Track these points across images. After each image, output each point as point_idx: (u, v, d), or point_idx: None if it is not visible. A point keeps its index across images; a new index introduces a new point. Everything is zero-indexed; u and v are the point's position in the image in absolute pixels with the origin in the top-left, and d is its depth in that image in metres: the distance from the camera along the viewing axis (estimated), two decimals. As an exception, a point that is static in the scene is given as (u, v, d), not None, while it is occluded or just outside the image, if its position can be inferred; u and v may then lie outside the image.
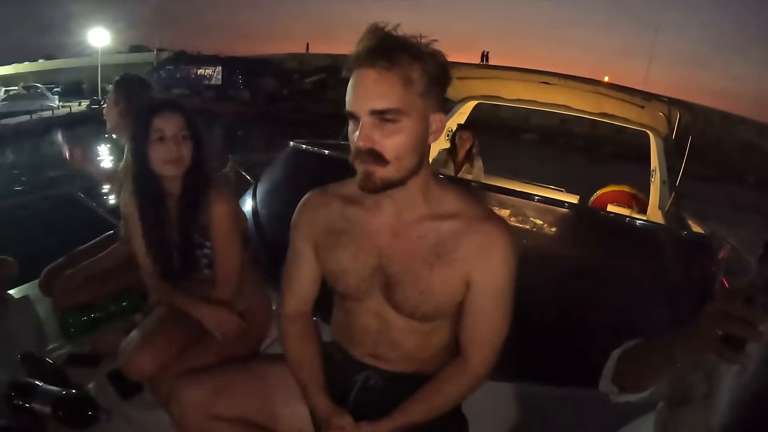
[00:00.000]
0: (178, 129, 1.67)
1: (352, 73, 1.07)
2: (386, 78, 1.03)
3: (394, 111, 1.04)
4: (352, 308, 1.30)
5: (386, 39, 1.05)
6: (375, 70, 1.03)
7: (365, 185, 1.10)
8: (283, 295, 1.39)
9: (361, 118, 1.05)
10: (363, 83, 1.05)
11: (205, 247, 1.80)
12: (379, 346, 1.30)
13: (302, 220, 1.33)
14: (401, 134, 1.06)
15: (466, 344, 1.24)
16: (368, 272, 1.23)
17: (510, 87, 4.42)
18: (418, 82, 1.06)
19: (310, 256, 1.33)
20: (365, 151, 1.06)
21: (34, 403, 1.52)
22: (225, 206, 1.75)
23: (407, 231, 1.20)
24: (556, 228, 2.51)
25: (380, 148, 1.06)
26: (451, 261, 1.17)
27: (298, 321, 1.37)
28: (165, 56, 40.96)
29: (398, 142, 1.06)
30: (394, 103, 1.04)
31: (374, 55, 1.03)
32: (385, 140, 1.05)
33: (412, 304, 1.20)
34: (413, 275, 1.19)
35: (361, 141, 1.05)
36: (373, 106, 1.04)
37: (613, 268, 2.34)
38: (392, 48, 1.04)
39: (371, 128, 1.05)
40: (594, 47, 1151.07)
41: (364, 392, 1.31)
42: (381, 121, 1.05)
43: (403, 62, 1.04)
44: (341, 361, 1.36)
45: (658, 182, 4.08)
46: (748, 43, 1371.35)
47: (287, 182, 3.07)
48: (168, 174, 1.69)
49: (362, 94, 1.05)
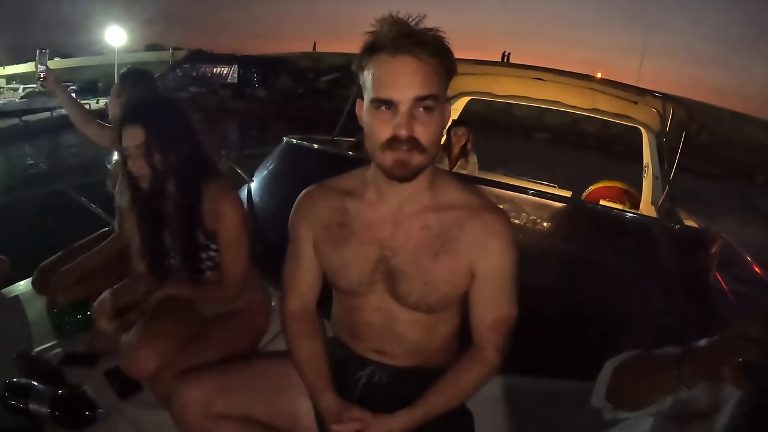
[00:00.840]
0: (137, 142, 1.61)
1: (381, 62, 1.07)
2: (427, 66, 1.06)
3: (433, 98, 1.07)
4: (355, 304, 1.29)
5: (423, 30, 1.07)
6: (415, 58, 1.05)
7: (399, 173, 1.10)
8: (286, 293, 1.39)
9: (400, 106, 1.06)
10: (404, 71, 1.06)
11: (210, 250, 1.77)
12: (383, 341, 1.29)
13: (301, 216, 1.33)
14: (435, 122, 1.09)
15: (478, 333, 1.25)
16: (370, 266, 1.23)
17: (503, 83, 4.42)
18: (443, 72, 1.09)
19: (310, 252, 1.32)
20: (406, 139, 1.07)
21: (30, 403, 1.50)
22: (233, 209, 1.72)
23: (410, 222, 1.21)
24: (549, 222, 2.51)
25: (418, 136, 1.07)
26: (455, 250, 1.18)
27: (302, 319, 1.37)
28: (180, 55, 41.66)
29: (433, 129, 1.09)
30: (433, 90, 1.07)
31: (412, 44, 1.04)
32: (422, 128, 1.07)
33: (417, 296, 1.21)
34: (418, 266, 1.20)
35: (403, 129, 1.06)
36: (417, 93, 1.05)
37: (605, 262, 2.35)
38: (428, 38, 1.06)
39: (411, 116, 1.06)
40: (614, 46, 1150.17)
41: (369, 388, 1.31)
42: (420, 109, 1.06)
43: (435, 53, 1.06)
44: (344, 357, 1.36)
45: (650, 178, 4.10)
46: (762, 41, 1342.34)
47: (281, 177, 3.06)
48: (143, 185, 1.66)
49: (405, 82, 1.06)
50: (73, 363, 1.87)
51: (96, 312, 1.72)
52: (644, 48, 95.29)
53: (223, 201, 1.71)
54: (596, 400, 1.07)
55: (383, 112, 1.08)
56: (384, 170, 1.12)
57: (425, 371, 1.30)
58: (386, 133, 1.08)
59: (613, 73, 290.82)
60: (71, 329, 2.03)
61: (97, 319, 1.72)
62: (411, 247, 1.21)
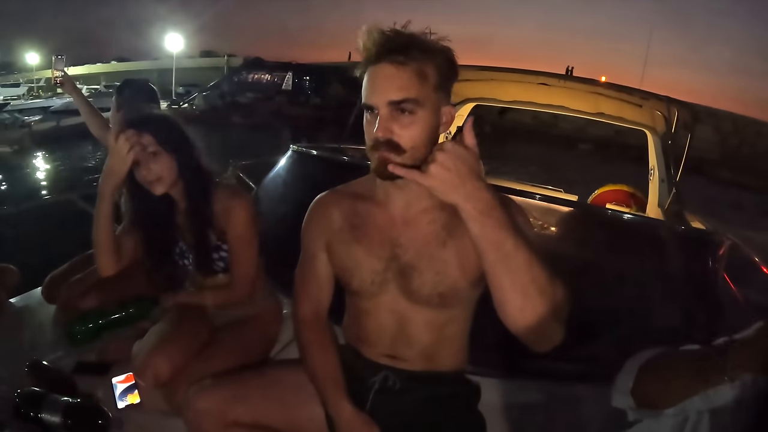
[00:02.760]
0: (146, 147, 1.64)
1: (367, 70, 1.13)
2: (402, 71, 1.08)
3: (410, 101, 1.09)
4: (367, 307, 1.31)
5: (399, 36, 1.10)
6: (391, 64, 1.09)
7: (381, 172, 1.12)
8: (298, 299, 1.40)
9: (379, 110, 1.09)
10: (380, 77, 1.10)
11: (221, 250, 1.79)
12: (396, 344, 1.31)
13: (313, 222, 1.36)
14: (417, 125, 1.10)
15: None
16: (382, 265, 1.26)
17: (507, 89, 4.43)
18: (431, 76, 1.12)
19: (323, 257, 1.34)
20: (384, 141, 1.09)
21: (43, 412, 1.50)
22: (243, 210, 1.75)
23: (417, 219, 1.25)
24: (556, 227, 2.51)
25: (398, 138, 1.09)
26: (462, 234, 1.19)
27: (315, 326, 1.38)
28: (235, 62, 43.11)
29: (414, 132, 1.10)
30: (410, 94, 1.09)
31: (390, 51, 1.08)
32: (402, 131, 1.10)
33: (429, 288, 1.23)
34: (428, 257, 1.22)
35: (380, 132, 1.09)
36: (390, 97, 1.08)
37: (612, 266, 2.34)
38: (406, 44, 1.09)
39: (389, 120, 1.09)
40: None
41: (382, 393, 1.32)
42: (398, 112, 1.09)
43: (416, 57, 1.09)
44: (356, 363, 1.37)
45: (656, 180, 4.09)
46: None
47: (288, 185, 3.07)
48: (155, 192, 1.68)
49: (380, 87, 1.09)
50: (85, 372, 1.87)
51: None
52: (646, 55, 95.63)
53: (234, 201, 1.75)
54: (619, 400, 1.05)
55: (369, 116, 1.13)
56: (372, 170, 1.16)
57: (437, 375, 1.31)
58: (371, 137, 1.12)
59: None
60: (82, 338, 2.03)
61: None
62: (420, 242, 1.24)
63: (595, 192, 5.30)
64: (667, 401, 0.96)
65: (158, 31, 41.14)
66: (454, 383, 1.37)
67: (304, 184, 2.93)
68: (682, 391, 0.94)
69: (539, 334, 1.02)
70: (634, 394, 1.01)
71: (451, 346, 1.33)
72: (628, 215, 2.79)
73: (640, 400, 1.00)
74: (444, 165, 0.96)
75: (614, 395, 1.06)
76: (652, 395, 0.99)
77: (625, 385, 1.03)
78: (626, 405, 1.03)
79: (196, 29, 62.77)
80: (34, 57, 52.77)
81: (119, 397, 1.68)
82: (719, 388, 0.90)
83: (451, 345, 1.33)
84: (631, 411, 1.03)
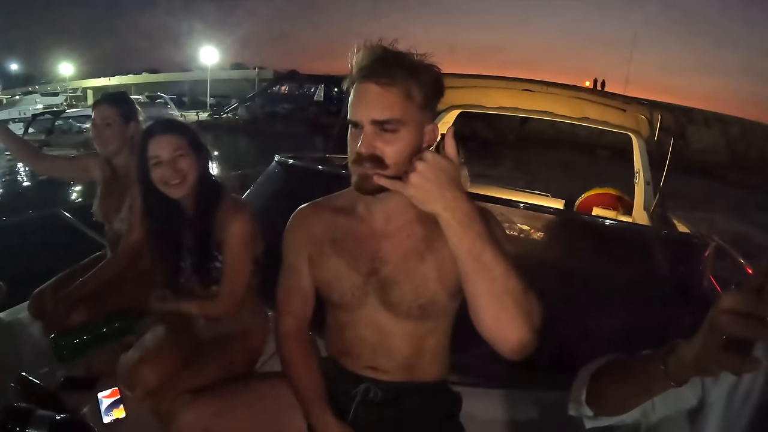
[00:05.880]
0: (173, 150, 1.68)
1: (354, 86, 1.14)
2: (388, 92, 1.10)
3: (394, 121, 1.10)
4: (348, 320, 1.32)
5: (386, 56, 1.12)
6: (377, 84, 1.10)
7: (363, 187, 1.14)
8: (280, 313, 1.41)
9: (364, 127, 1.11)
10: (366, 96, 1.11)
11: (217, 260, 1.80)
12: (377, 356, 1.32)
13: (294, 235, 1.37)
14: (400, 142, 1.12)
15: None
16: (362, 278, 1.27)
17: (492, 95, 4.45)
18: (417, 96, 1.13)
19: (305, 270, 1.35)
20: (367, 156, 1.11)
21: (29, 428, 1.49)
22: (242, 224, 1.75)
23: (397, 233, 1.26)
24: (541, 234, 2.53)
25: (380, 153, 1.11)
26: (439, 247, 1.22)
27: (297, 340, 1.39)
28: (265, 74, 44.57)
29: (397, 148, 1.11)
30: (395, 114, 1.10)
31: (376, 71, 1.10)
32: (385, 147, 1.11)
33: (408, 301, 1.24)
34: (407, 271, 1.24)
35: (363, 147, 1.11)
36: (375, 117, 1.10)
37: (597, 272, 2.36)
38: (393, 65, 1.11)
39: (373, 136, 1.11)
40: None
41: (363, 405, 1.33)
42: (382, 130, 1.10)
43: (402, 78, 1.11)
44: (338, 375, 1.38)
45: (642, 184, 4.13)
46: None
47: (272, 197, 3.06)
48: (174, 196, 1.71)
49: (365, 105, 1.11)
50: (71, 387, 1.86)
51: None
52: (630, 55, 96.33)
53: (236, 215, 1.76)
54: (574, 409, 1.07)
55: (353, 131, 1.15)
56: (353, 185, 1.18)
57: (418, 386, 1.32)
58: (354, 151, 1.14)
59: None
60: (68, 353, 2.03)
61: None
62: (400, 256, 1.25)
63: (582, 195, 5.34)
64: (619, 407, 0.98)
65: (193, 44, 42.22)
66: (435, 394, 1.38)
67: (288, 195, 2.92)
68: (631, 397, 0.95)
69: (512, 343, 1.03)
70: (588, 402, 1.02)
71: (432, 356, 1.34)
72: (611, 221, 2.81)
73: (596, 409, 1.01)
74: (424, 175, 0.97)
75: (570, 405, 1.08)
76: (605, 402, 1.00)
77: (578, 394, 1.04)
78: (581, 413, 1.04)
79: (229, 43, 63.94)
80: (68, 67, 53.39)
81: (105, 412, 1.67)
82: (680, 392, 0.91)
83: (431, 356, 1.34)
84: (588, 419, 1.04)
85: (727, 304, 0.72)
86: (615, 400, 0.99)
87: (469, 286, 1.03)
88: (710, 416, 0.92)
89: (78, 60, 62.50)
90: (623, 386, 0.96)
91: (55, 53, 73.92)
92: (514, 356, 1.04)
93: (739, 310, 0.71)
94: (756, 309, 0.70)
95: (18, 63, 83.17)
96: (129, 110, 2.32)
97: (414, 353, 1.31)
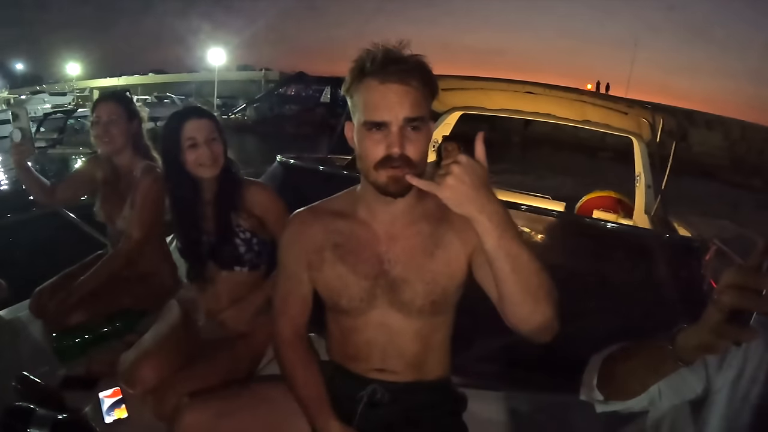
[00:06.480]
0: (209, 133, 1.77)
1: (371, 88, 1.14)
2: (414, 90, 1.13)
3: (421, 119, 1.13)
4: (355, 325, 1.31)
5: (404, 57, 1.14)
6: (404, 84, 1.12)
7: (393, 190, 1.15)
8: (278, 319, 1.41)
9: (392, 127, 1.12)
10: (394, 96, 1.12)
11: (242, 233, 1.85)
12: (386, 358, 1.32)
13: (292, 240, 1.36)
14: (423, 140, 1.15)
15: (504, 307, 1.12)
16: (370, 282, 1.27)
17: (494, 97, 4.45)
18: (427, 95, 1.17)
19: (304, 277, 1.35)
20: (398, 157, 1.12)
21: (31, 428, 1.50)
22: (270, 196, 1.90)
23: (404, 233, 1.27)
24: (543, 236, 2.53)
25: (409, 153, 1.13)
26: (447, 242, 1.25)
27: (295, 345, 1.40)
28: (271, 75, 45.34)
29: (421, 147, 1.15)
30: (422, 112, 1.14)
31: (401, 72, 1.12)
32: (411, 146, 1.13)
33: (422, 298, 1.25)
34: (417, 268, 1.25)
35: (396, 147, 1.12)
36: (406, 114, 1.12)
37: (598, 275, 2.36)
38: (412, 65, 1.14)
39: (402, 136, 1.12)
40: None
41: (371, 407, 1.33)
42: (410, 128, 1.12)
43: (420, 78, 1.14)
44: (342, 379, 1.38)
45: (643, 186, 4.13)
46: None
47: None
48: (206, 176, 1.79)
49: (394, 105, 1.12)
50: (72, 387, 1.86)
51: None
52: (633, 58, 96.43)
53: (263, 190, 1.90)
54: (585, 393, 1.10)
55: (375, 133, 1.14)
56: (378, 187, 1.17)
57: (424, 385, 1.33)
58: (380, 153, 1.14)
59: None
60: (70, 353, 2.03)
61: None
62: (408, 255, 1.26)
63: (582, 198, 5.34)
64: (629, 390, 1.02)
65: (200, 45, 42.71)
66: (440, 393, 1.38)
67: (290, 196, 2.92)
68: (640, 379, 0.99)
69: (544, 331, 1.09)
70: (600, 387, 1.06)
71: (438, 353, 1.36)
72: (611, 224, 2.82)
73: (606, 393, 1.05)
74: (460, 178, 0.98)
75: (582, 389, 1.12)
76: (615, 386, 1.04)
77: (590, 379, 1.08)
78: (593, 398, 1.08)
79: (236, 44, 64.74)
80: (75, 67, 53.57)
81: (107, 412, 1.67)
82: (686, 381, 0.97)
83: (437, 353, 1.36)
84: (599, 404, 1.08)
85: (729, 280, 0.78)
86: (625, 383, 1.02)
87: (506, 286, 1.04)
88: (714, 406, 0.96)
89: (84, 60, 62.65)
90: (633, 368, 1.00)
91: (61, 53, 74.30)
92: (545, 341, 1.10)
93: (738, 284, 0.77)
94: (753, 283, 0.76)
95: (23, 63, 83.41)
96: (132, 108, 2.32)
97: (422, 351, 1.32)
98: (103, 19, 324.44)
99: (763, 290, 0.76)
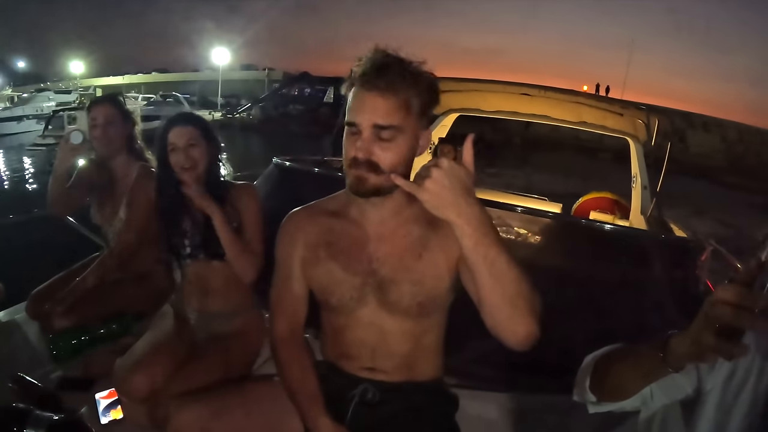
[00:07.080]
0: (188, 139, 1.83)
1: (356, 91, 1.17)
2: (389, 100, 1.14)
3: (393, 128, 1.14)
4: (346, 323, 1.33)
5: (389, 65, 1.15)
6: (379, 92, 1.13)
7: (358, 189, 1.18)
8: (274, 317, 1.42)
9: (362, 131, 1.14)
10: (368, 101, 1.15)
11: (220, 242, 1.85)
12: (376, 357, 1.33)
13: (287, 239, 1.38)
14: (396, 149, 1.16)
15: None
16: (360, 280, 1.29)
17: (490, 99, 4.46)
18: (414, 105, 1.17)
19: (298, 274, 1.36)
20: (363, 161, 1.15)
21: (27, 429, 1.50)
22: (252, 197, 1.93)
23: (392, 234, 1.28)
24: (539, 238, 2.53)
25: (376, 159, 1.15)
26: (435, 245, 1.26)
27: (292, 343, 1.40)
28: (275, 75, 45.86)
29: (392, 155, 1.16)
30: (394, 121, 1.14)
31: (379, 81, 1.13)
32: (381, 152, 1.15)
33: (408, 299, 1.26)
34: (405, 269, 1.26)
35: (361, 152, 1.14)
36: (376, 121, 1.13)
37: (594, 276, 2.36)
38: (395, 74, 1.14)
39: (371, 141, 1.14)
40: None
41: (361, 406, 1.33)
42: (380, 135, 1.14)
43: (403, 88, 1.14)
44: (334, 378, 1.38)
45: (639, 188, 4.14)
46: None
47: (270, 199, 3.05)
48: (184, 177, 1.81)
49: (367, 109, 1.14)
50: (69, 388, 1.87)
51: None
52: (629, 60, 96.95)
53: (244, 191, 1.93)
54: (578, 394, 1.12)
55: (350, 134, 1.18)
56: (347, 186, 1.20)
57: (416, 386, 1.33)
58: (351, 153, 1.17)
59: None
60: (66, 354, 2.03)
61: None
62: (397, 256, 1.27)
63: (579, 200, 5.35)
64: (620, 393, 1.03)
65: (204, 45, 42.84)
66: (432, 393, 1.39)
67: (286, 198, 2.92)
68: (631, 383, 1.00)
69: (522, 338, 1.06)
70: (592, 388, 1.07)
71: (429, 355, 1.36)
72: (607, 225, 2.82)
73: (598, 394, 1.07)
74: (439, 181, 0.98)
75: (575, 390, 1.13)
76: (607, 388, 1.05)
77: (583, 380, 1.10)
78: (585, 399, 1.10)
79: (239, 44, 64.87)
80: (79, 66, 53.57)
81: (102, 413, 1.68)
82: (677, 382, 0.98)
83: (428, 354, 1.36)
84: (591, 405, 1.09)
85: (721, 296, 0.78)
86: (616, 385, 1.03)
87: (484, 291, 1.04)
88: (706, 405, 0.97)
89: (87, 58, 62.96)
90: (624, 372, 1.01)
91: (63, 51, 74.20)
92: (522, 348, 1.07)
93: (731, 302, 0.76)
94: (746, 301, 0.76)
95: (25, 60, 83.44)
96: (126, 111, 2.32)
97: (412, 352, 1.33)
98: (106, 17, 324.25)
99: (756, 308, 0.75)
